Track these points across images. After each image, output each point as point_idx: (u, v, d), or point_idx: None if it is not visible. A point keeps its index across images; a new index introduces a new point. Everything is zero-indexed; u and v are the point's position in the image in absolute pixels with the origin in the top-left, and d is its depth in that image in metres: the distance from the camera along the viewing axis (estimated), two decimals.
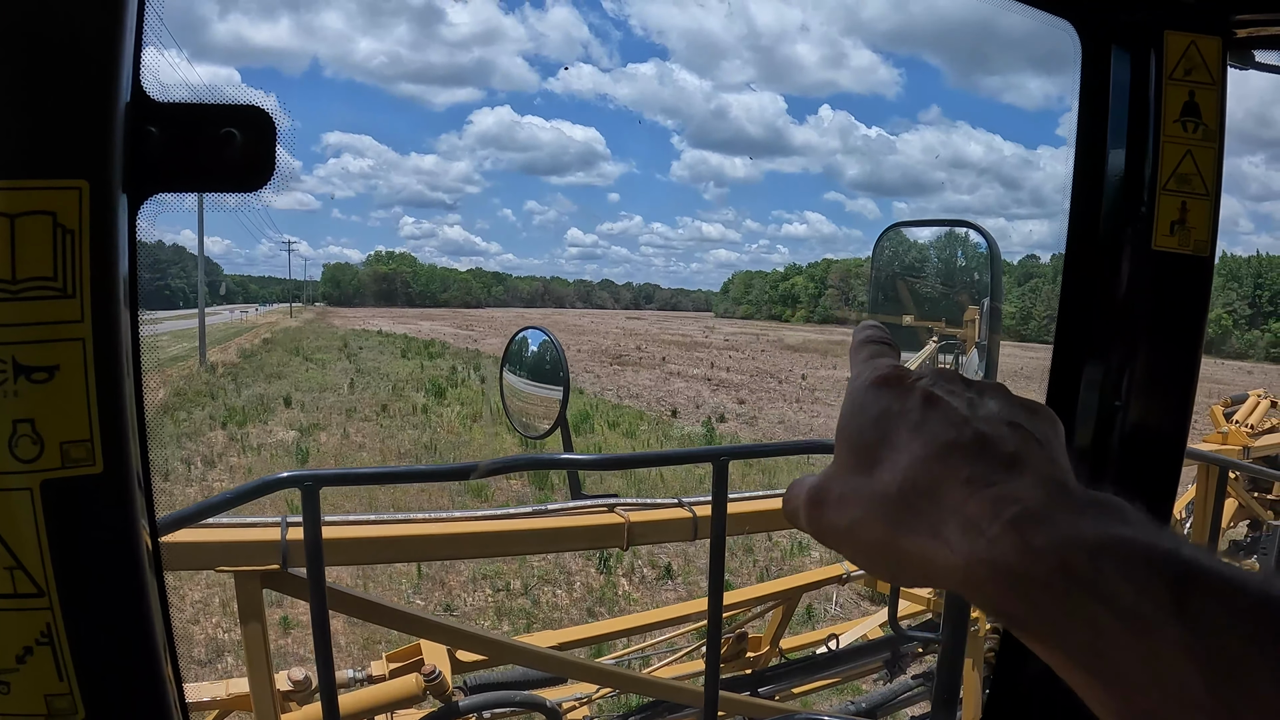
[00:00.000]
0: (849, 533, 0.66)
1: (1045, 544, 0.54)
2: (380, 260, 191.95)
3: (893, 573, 0.65)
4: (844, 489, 0.67)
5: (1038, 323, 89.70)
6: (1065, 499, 0.58)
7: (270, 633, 2.66)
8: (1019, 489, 0.58)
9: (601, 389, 37.80)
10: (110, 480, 0.78)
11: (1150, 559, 0.51)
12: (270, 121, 0.86)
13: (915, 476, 0.62)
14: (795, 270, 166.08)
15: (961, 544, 0.57)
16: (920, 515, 0.61)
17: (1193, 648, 0.47)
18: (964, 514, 0.58)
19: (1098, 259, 1.53)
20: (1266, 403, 7.27)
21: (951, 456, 0.62)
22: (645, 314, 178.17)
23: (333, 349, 53.51)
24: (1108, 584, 0.51)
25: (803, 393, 40.36)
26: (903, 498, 0.62)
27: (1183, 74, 1.49)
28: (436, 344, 60.34)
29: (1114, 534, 0.53)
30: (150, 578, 0.84)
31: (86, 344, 0.76)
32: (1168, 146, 1.49)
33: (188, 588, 10.62)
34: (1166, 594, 0.49)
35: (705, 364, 53.34)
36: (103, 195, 0.75)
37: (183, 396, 29.16)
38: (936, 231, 2.76)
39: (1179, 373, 1.53)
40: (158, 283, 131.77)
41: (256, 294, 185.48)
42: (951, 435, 0.63)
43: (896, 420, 0.66)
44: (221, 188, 0.85)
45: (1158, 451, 1.55)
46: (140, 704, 0.85)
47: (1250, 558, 6.56)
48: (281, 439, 22.45)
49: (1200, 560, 0.51)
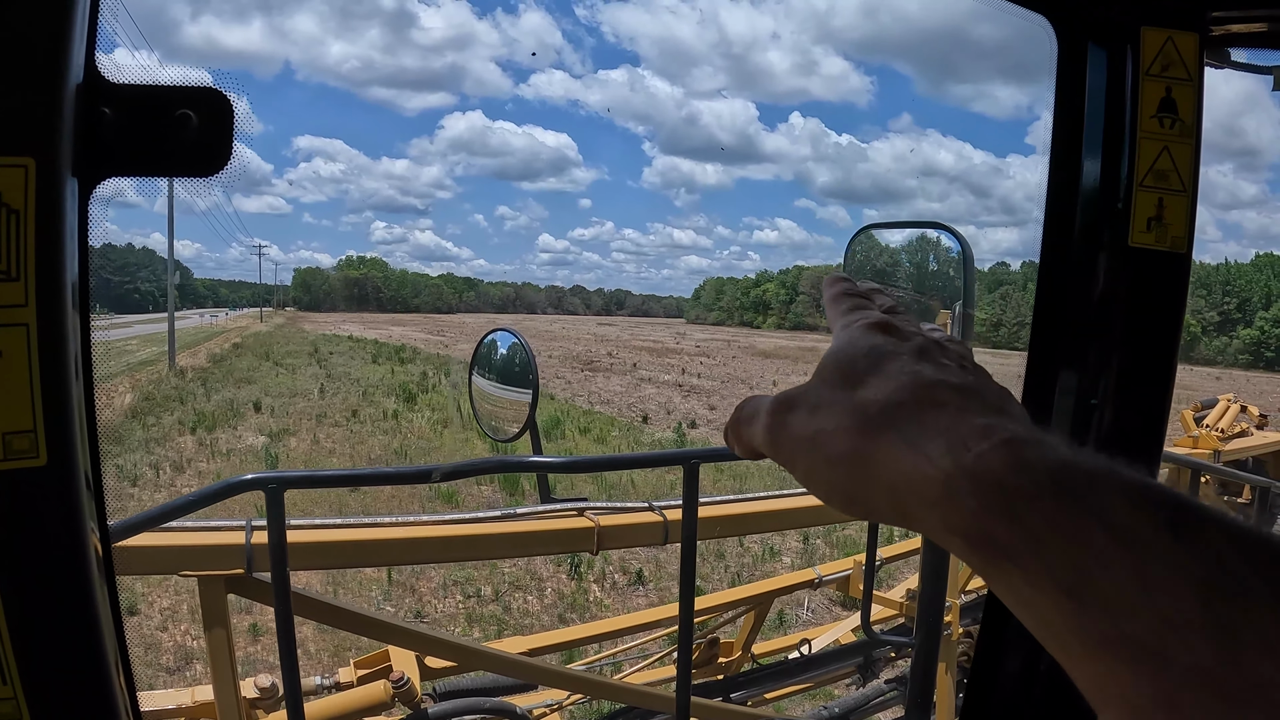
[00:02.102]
0: (813, 441, 0.63)
1: (1038, 460, 0.51)
2: (351, 265, 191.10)
3: (849, 489, 0.61)
4: (819, 398, 0.64)
5: (1008, 329, 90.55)
6: (1059, 439, 0.55)
7: (239, 640, 2.62)
8: (1010, 423, 0.56)
9: (573, 395, 37.77)
10: (55, 474, 0.75)
11: (1147, 486, 0.48)
12: (227, 104, 0.82)
13: (902, 397, 0.60)
14: (767, 277, 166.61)
15: (944, 458, 0.55)
16: (900, 428, 0.58)
17: (1188, 567, 0.45)
18: (952, 432, 0.56)
19: (1074, 256, 1.52)
20: (1236, 407, 7.35)
21: (942, 389, 0.60)
22: (616, 320, 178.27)
23: (303, 354, 53.18)
24: (1102, 500, 0.48)
25: None
26: (884, 411, 0.60)
27: (1160, 70, 1.48)
28: (407, 349, 60.18)
29: (1109, 465, 0.51)
30: (98, 578, 0.80)
31: (30, 330, 0.72)
32: (1144, 143, 1.48)
33: (156, 594, 10.53)
34: (1162, 514, 0.47)
35: (677, 370, 53.38)
36: (50, 175, 0.72)
37: (151, 401, 28.97)
38: (909, 235, 2.75)
39: (1156, 369, 1.52)
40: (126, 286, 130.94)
41: (227, 298, 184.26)
42: (943, 376, 0.62)
43: (890, 356, 0.64)
44: (177, 171, 0.81)
45: (1136, 447, 1.54)
46: (89, 709, 0.81)
47: None
48: (251, 444, 22.30)
49: (1196, 499, 0.49)
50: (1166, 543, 0.46)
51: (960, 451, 0.54)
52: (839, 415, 0.62)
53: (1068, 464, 0.51)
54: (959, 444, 0.54)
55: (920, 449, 0.56)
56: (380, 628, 3.00)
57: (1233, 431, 6.99)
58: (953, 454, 0.54)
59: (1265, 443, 7.23)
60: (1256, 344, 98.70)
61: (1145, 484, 0.49)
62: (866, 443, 0.59)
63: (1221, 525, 0.46)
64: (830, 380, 0.65)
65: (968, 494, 0.52)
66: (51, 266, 0.73)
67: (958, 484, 0.53)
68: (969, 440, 0.54)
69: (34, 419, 0.73)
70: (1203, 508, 0.47)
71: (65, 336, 0.74)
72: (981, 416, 0.57)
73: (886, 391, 0.61)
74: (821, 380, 0.66)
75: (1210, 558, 0.45)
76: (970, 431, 0.55)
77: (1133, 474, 0.50)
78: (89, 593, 0.80)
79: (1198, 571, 0.45)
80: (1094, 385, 1.51)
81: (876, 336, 0.67)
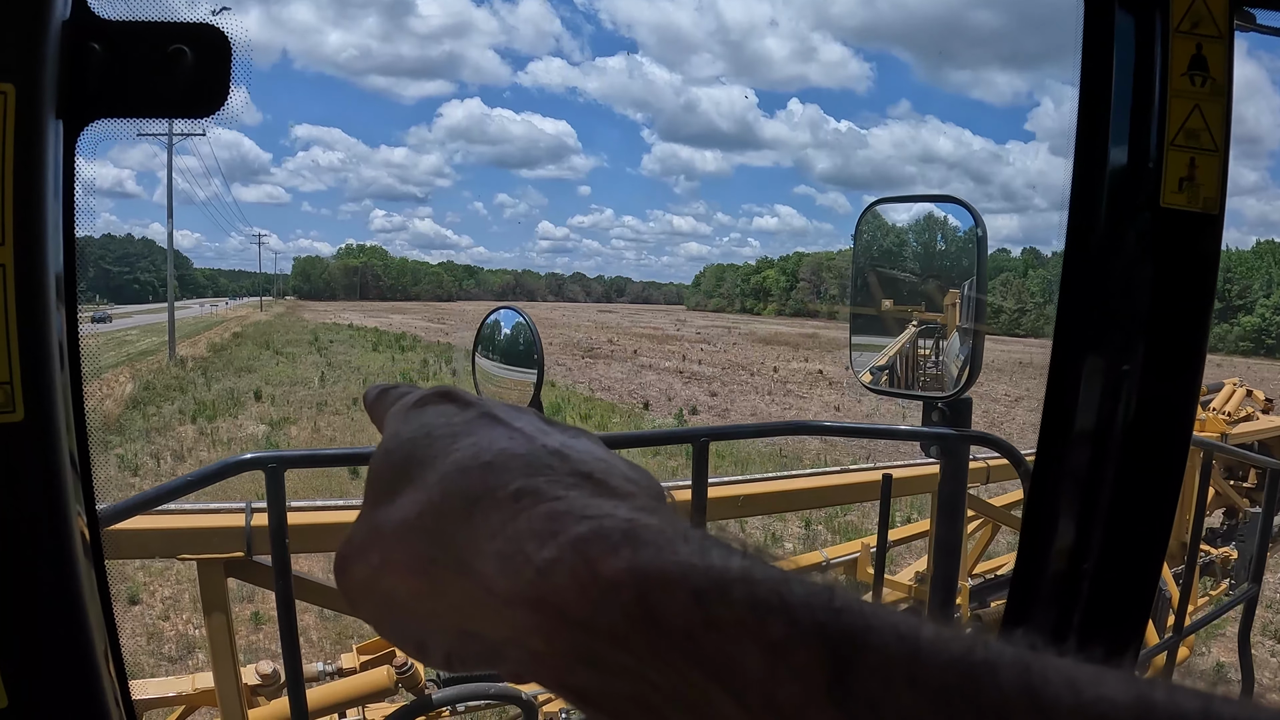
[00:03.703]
0: (370, 586, 0.49)
1: (623, 574, 0.37)
2: (351, 254, 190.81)
3: (420, 637, 0.49)
4: (366, 529, 0.50)
5: (1009, 316, 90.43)
6: (665, 522, 0.41)
7: (241, 628, 2.58)
8: (593, 505, 0.42)
9: (573, 382, 37.77)
10: (34, 431, 0.68)
11: (792, 608, 0.35)
12: (224, 41, 0.76)
13: (448, 491, 0.46)
14: (767, 263, 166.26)
15: (499, 577, 0.41)
16: (450, 545, 0.44)
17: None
18: (506, 535, 0.42)
19: (1104, 217, 1.47)
20: (1242, 391, 7.30)
21: (502, 466, 0.46)
22: (617, 307, 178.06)
23: (303, 342, 53.20)
24: (726, 643, 0.35)
25: (775, 385, 40.41)
26: (429, 523, 0.46)
27: (1190, 27, 1.43)
28: (407, 337, 60.15)
29: (736, 566, 0.37)
30: (83, 552, 0.74)
31: (8, 271, 0.65)
32: (1175, 101, 1.43)
33: (157, 584, 10.51)
34: (820, 668, 0.33)
35: (677, 357, 53.32)
36: (32, 106, 0.66)
37: (152, 391, 29.00)
38: (916, 214, 2.70)
39: (1190, 333, 1.46)
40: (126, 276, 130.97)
41: (226, 288, 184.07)
42: (507, 445, 0.48)
43: (439, 433, 0.51)
44: (171, 112, 0.75)
45: (1170, 409, 1.48)
46: (74, 697, 0.76)
47: (1228, 545, 6.58)
48: (252, 433, 22.35)
49: (865, 615, 0.34)
50: (825, 712, 0.33)
51: (519, 564, 0.40)
52: (385, 545, 0.48)
53: (669, 574, 0.37)
54: (516, 553, 0.40)
55: (472, 570, 0.42)
56: None
57: (1239, 415, 6.94)
58: (509, 569, 0.40)
59: (1271, 427, 7.18)
60: (1258, 331, 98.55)
61: (791, 601, 0.35)
62: (419, 578, 0.46)
63: (894, 668, 0.32)
64: (374, 495, 0.51)
65: (532, 630, 0.40)
66: (31, 203, 0.67)
67: (520, 617, 0.40)
68: (529, 544, 0.40)
69: (9, 369, 0.66)
70: (872, 635, 0.34)
71: (46, 281, 0.68)
72: (555, 496, 0.43)
73: (430, 488, 0.47)
74: (370, 496, 0.52)
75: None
76: (533, 529, 0.41)
77: (770, 573, 0.36)
78: (72, 568, 0.74)
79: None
80: (1127, 348, 1.46)
81: (428, 411, 0.54)
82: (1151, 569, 1.51)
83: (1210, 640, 9.55)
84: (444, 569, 0.44)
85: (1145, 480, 1.46)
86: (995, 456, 3.59)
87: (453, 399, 0.55)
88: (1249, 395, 7.49)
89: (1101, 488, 1.46)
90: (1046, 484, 1.51)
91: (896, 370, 2.62)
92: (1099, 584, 1.49)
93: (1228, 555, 6.43)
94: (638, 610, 0.36)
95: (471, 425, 0.51)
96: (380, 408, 0.61)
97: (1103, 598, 1.50)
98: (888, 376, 2.62)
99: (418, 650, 0.49)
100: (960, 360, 2.47)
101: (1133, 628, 1.54)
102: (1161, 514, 1.49)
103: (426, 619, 0.47)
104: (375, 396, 0.63)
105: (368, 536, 0.50)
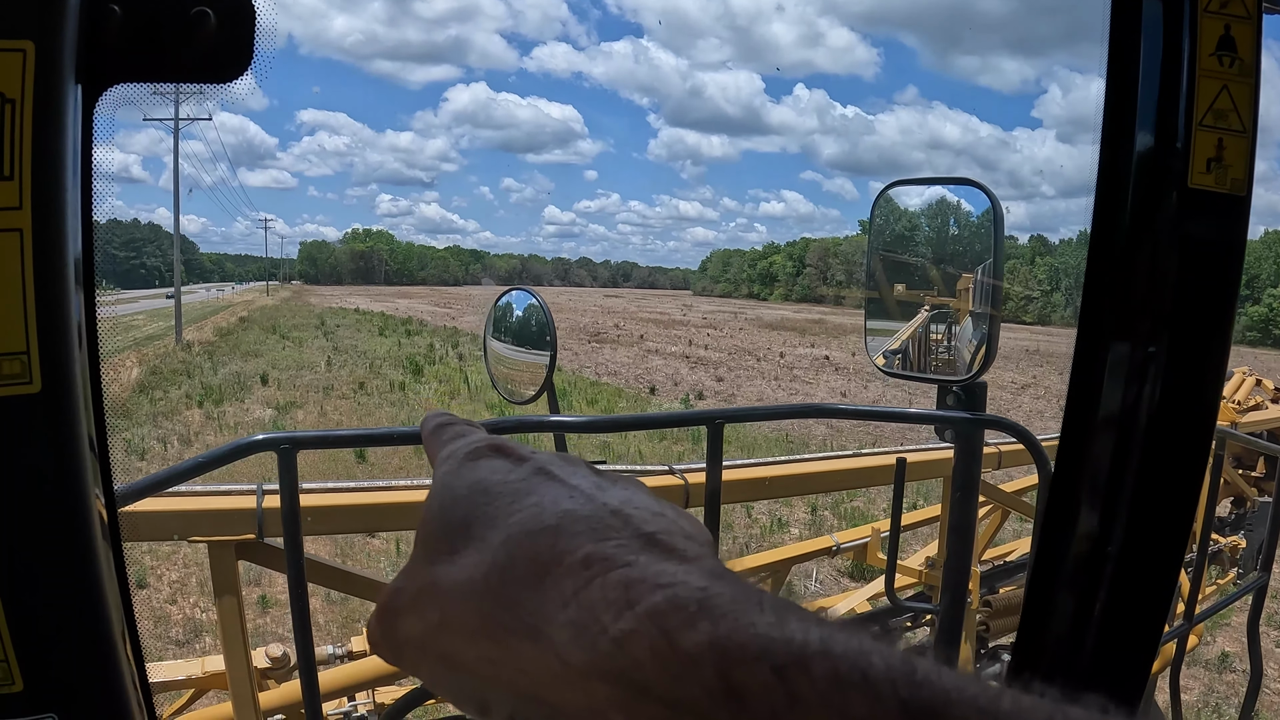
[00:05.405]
0: (426, 645, 0.48)
1: (703, 647, 0.36)
2: (357, 238, 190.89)
3: (484, 699, 0.46)
4: (420, 584, 0.49)
5: (1015, 303, 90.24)
6: (737, 589, 0.39)
7: (248, 611, 2.57)
8: (665, 571, 0.40)
9: (580, 366, 37.74)
10: (51, 403, 0.66)
11: (874, 683, 0.34)
12: (249, 4, 0.73)
13: (515, 555, 0.45)
14: (773, 249, 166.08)
15: (573, 647, 0.39)
16: (518, 609, 0.43)
17: None
18: (580, 603, 0.40)
19: (1132, 197, 1.45)
20: (1252, 380, 7.27)
21: (569, 530, 0.44)
22: (623, 292, 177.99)
23: (309, 327, 53.21)
24: (810, 717, 0.34)
25: (781, 370, 40.38)
26: (495, 586, 0.45)
27: (1218, 6, 1.41)
28: (414, 322, 60.15)
29: (815, 639, 0.36)
30: (100, 527, 0.72)
31: (25, 236, 0.63)
32: (1203, 81, 1.40)
33: (164, 567, 10.54)
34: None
35: (683, 341, 53.28)
36: (51, 67, 0.64)
37: (159, 375, 29.02)
38: (928, 199, 2.68)
39: (1217, 314, 1.45)
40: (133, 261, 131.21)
41: (233, 272, 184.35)
42: (570, 505, 0.47)
43: (497, 491, 0.50)
44: (192, 77, 0.73)
45: (1195, 391, 1.46)
46: (91, 679, 0.74)
47: (1236, 534, 6.58)
48: (258, 417, 22.36)
49: (946, 689, 0.34)
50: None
51: (594, 635, 0.39)
52: (445, 604, 0.47)
53: (749, 647, 0.35)
54: (591, 622, 0.39)
55: (544, 637, 0.41)
56: None
57: (1249, 404, 6.91)
58: (584, 640, 0.39)
59: None
60: (1265, 321, 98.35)
61: (875, 675, 0.34)
62: (484, 641, 0.44)
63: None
64: (431, 549, 0.50)
65: (611, 703, 0.38)
66: (51, 166, 0.65)
67: (598, 689, 0.38)
68: (604, 613, 0.39)
69: (26, 339, 0.64)
70: (960, 694, 0.33)
71: (64, 246, 0.66)
72: (626, 562, 0.41)
73: (495, 548, 0.46)
74: (422, 551, 0.51)
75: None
76: (607, 598, 0.40)
77: (858, 645, 0.35)
78: (91, 549, 0.72)
79: None
80: (1153, 331, 1.44)
81: (481, 466, 0.53)
82: (1175, 555, 1.49)
83: (1215, 630, 9.54)
84: (513, 635, 0.43)
85: (1170, 464, 1.44)
86: (1007, 442, 3.58)
87: (505, 453, 0.54)
88: (1259, 384, 7.46)
89: (1126, 472, 1.44)
90: (1070, 467, 1.50)
91: (910, 354, 2.61)
92: (1121, 570, 1.47)
93: (1236, 544, 6.43)
94: (719, 685, 0.35)
95: (531, 484, 0.50)
96: (434, 444, 0.60)
97: (1126, 584, 1.48)
98: (901, 360, 2.61)
99: (478, 710, 0.47)
100: (974, 344, 2.46)
101: (1155, 615, 1.52)
102: (1186, 499, 1.47)
103: (490, 682, 0.45)
104: (432, 430, 0.62)
105: (422, 592, 0.49)
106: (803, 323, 79.52)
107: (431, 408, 24.55)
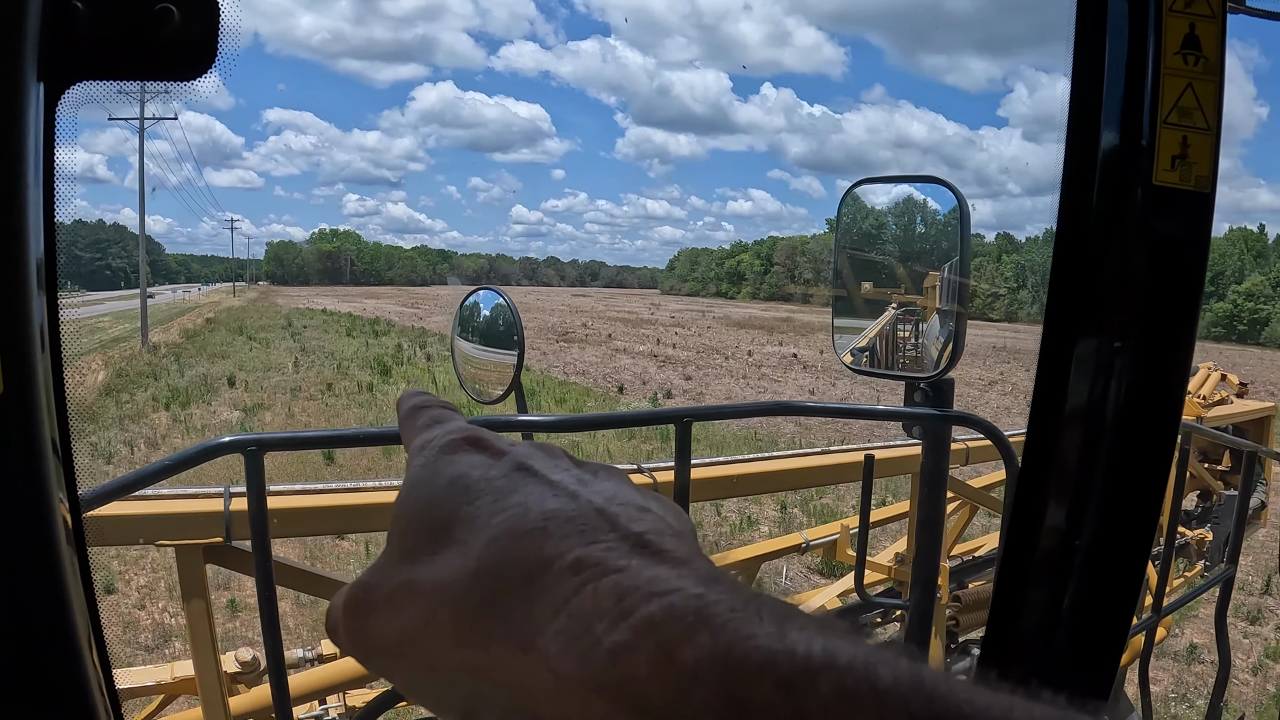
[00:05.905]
0: (403, 647, 0.46)
1: (704, 660, 0.34)
2: (324, 238, 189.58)
3: (468, 708, 0.44)
4: (396, 583, 0.47)
5: (983, 300, 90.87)
6: (734, 595, 0.37)
7: (218, 616, 2.55)
8: (659, 577, 0.38)
9: (548, 366, 37.72)
10: (13, 405, 0.65)
11: (883, 696, 0.32)
12: (213, 1, 0.72)
13: (502, 559, 0.43)
14: (741, 247, 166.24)
15: (566, 658, 0.38)
16: (505, 616, 0.41)
17: None
18: (571, 611, 0.38)
19: (1097, 194, 1.46)
20: (1217, 375, 7.36)
21: (556, 532, 0.42)
22: (591, 291, 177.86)
23: (276, 328, 52.88)
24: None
25: (749, 369, 40.52)
26: (481, 591, 0.42)
27: (1183, 6, 1.42)
28: (381, 322, 59.91)
29: (819, 650, 0.33)
30: (64, 533, 0.71)
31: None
32: (1168, 80, 1.42)
33: (132, 572, 10.45)
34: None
35: (651, 340, 53.35)
36: (11, 63, 0.63)
37: (125, 378, 28.75)
38: (895, 197, 2.69)
39: (1182, 310, 1.46)
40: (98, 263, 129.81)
41: (199, 273, 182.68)
42: (556, 505, 0.44)
43: (479, 490, 0.47)
44: (156, 74, 0.70)
45: (1160, 386, 1.48)
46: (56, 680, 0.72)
47: (1203, 527, 6.67)
48: (226, 419, 22.23)
49: (959, 701, 0.31)
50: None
51: (588, 646, 0.37)
52: (424, 607, 0.45)
53: (751, 659, 0.34)
54: (584, 633, 0.37)
55: (534, 648, 0.39)
56: None
57: (1214, 399, 7.00)
58: (576, 651, 0.37)
59: (1245, 410, 7.25)
60: (1229, 317, 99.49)
61: (881, 687, 0.32)
62: (470, 649, 0.42)
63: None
64: (407, 546, 0.48)
65: (608, 719, 0.36)
66: (11, 167, 0.64)
67: (593, 703, 0.36)
68: (597, 623, 0.37)
69: None
70: (973, 706, 0.31)
71: (26, 249, 0.65)
72: (618, 567, 0.39)
73: (479, 549, 0.44)
74: (398, 547, 0.49)
75: None
76: (600, 607, 0.38)
77: (862, 656, 0.33)
78: (55, 554, 0.71)
79: None
80: (1119, 327, 1.45)
81: (459, 461, 0.50)
82: (1142, 549, 1.51)
83: (1183, 622, 9.67)
84: (502, 643, 0.41)
85: (1137, 459, 1.46)
86: (975, 439, 3.61)
87: (483, 447, 0.51)
88: (1223, 379, 7.55)
89: (1093, 466, 1.46)
90: (1037, 462, 1.51)
91: (877, 352, 2.63)
92: (1089, 563, 1.49)
93: (1203, 537, 6.52)
94: (721, 702, 0.33)
95: (513, 481, 0.47)
96: (409, 428, 0.58)
97: (1094, 577, 1.50)
98: (868, 357, 2.62)
99: (463, 718, 0.45)
100: (941, 341, 2.47)
101: (1124, 607, 1.54)
102: (1153, 493, 1.49)
103: (474, 691, 0.43)
104: (407, 413, 0.60)
105: (399, 591, 0.46)
106: (771, 321, 79.81)
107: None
